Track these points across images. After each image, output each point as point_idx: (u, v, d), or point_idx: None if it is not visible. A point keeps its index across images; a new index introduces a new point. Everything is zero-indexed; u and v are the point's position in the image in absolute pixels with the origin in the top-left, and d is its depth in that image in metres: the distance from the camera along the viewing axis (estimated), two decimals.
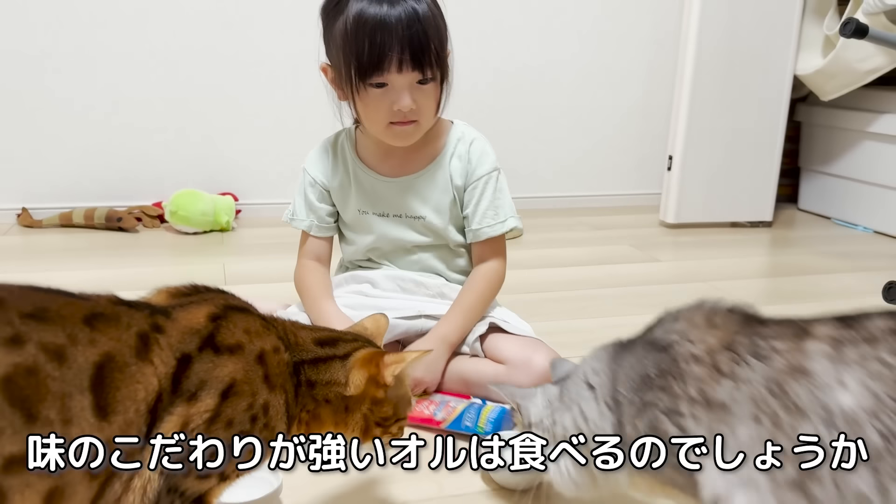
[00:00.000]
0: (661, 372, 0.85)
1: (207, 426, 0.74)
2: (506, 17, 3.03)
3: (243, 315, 0.83)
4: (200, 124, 2.82)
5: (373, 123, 1.42)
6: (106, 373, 0.68)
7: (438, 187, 1.50)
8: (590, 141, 3.29)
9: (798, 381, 0.75)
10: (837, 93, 2.89)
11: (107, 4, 2.63)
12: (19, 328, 0.64)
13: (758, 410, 0.77)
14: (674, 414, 0.83)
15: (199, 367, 0.75)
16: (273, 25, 2.79)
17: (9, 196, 2.71)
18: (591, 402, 0.92)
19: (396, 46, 1.30)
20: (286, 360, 0.85)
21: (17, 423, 0.62)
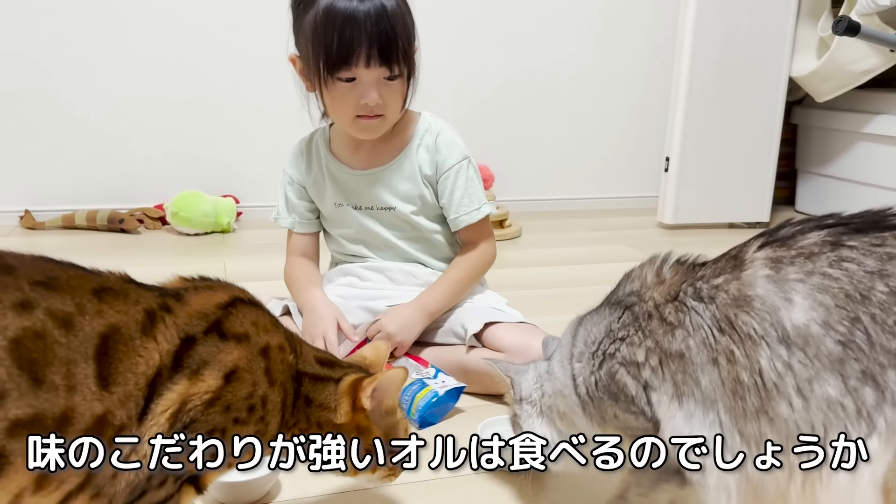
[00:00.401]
0: (623, 326, 0.88)
1: (205, 408, 0.74)
2: (504, 22, 3.06)
3: (254, 309, 0.84)
4: (202, 128, 2.84)
5: (340, 116, 1.44)
6: (111, 344, 0.69)
7: (406, 178, 1.53)
8: (587, 143, 3.31)
9: (745, 311, 0.76)
10: (832, 94, 2.91)
11: (110, 10, 2.66)
12: (29, 294, 0.65)
13: (713, 353, 0.78)
14: (632, 366, 0.85)
15: (202, 349, 0.75)
16: (275, 30, 2.81)
17: (12, 198, 2.73)
18: (559, 363, 0.96)
19: (365, 42, 1.32)
20: (290, 362, 0.85)
21: (24, 385, 0.63)
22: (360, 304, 1.51)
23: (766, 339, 0.74)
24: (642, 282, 0.90)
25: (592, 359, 0.90)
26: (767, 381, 0.74)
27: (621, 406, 0.87)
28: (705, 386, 0.79)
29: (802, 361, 0.73)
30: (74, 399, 0.66)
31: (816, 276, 0.74)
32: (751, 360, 0.75)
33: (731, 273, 0.79)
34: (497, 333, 1.46)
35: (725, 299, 0.78)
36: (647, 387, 0.84)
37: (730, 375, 0.77)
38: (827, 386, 0.72)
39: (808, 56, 2.92)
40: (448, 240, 1.59)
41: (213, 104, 2.83)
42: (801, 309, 0.73)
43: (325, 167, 1.56)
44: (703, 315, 0.80)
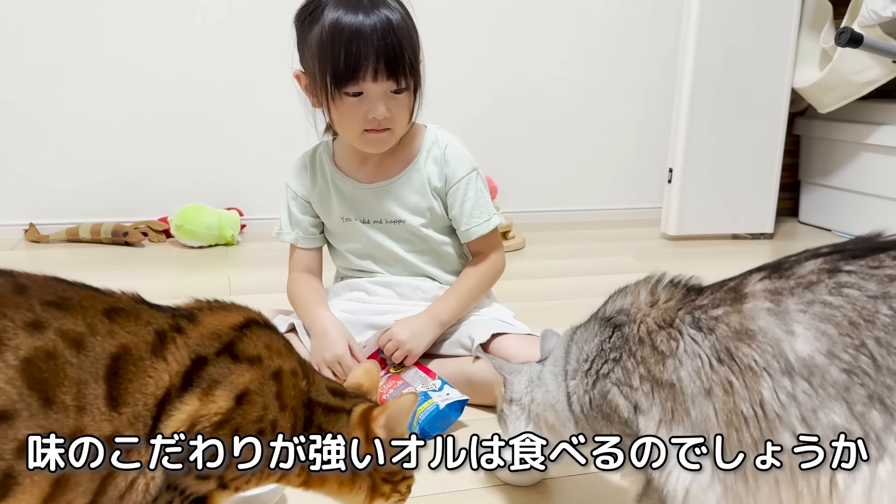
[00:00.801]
0: (615, 347, 0.87)
1: (214, 429, 0.74)
2: (505, 35, 3.07)
3: (268, 332, 0.83)
4: (206, 141, 2.85)
5: (347, 131, 1.44)
6: (121, 364, 0.69)
7: (416, 190, 1.52)
8: (590, 155, 3.32)
9: (746, 343, 0.76)
10: (835, 105, 2.92)
11: (116, 25, 2.67)
12: (40, 314, 0.65)
13: (708, 383, 0.78)
14: (625, 386, 0.85)
15: (213, 370, 0.75)
16: (278, 44, 2.82)
17: (16, 211, 2.74)
18: (552, 377, 0.96)
19: (372, 56, 1.32)
20: (302, 388, 0.83)
21: (34, 406, 0.63)
22: (366, 319, 1.50)
23: (767, 371, 0.74)
24: (634, 300, 0.89)
25: (586, 377, 0.90)
26: (769, 412, 0.74)
27: (616, 427, 0.87)
28: (695, 417, 0.78)
29: (807, 391, 0.72)
30: (84, 419, 0.66)
31: (817, 306, 0.73)
32: (751, 391, 0.75)
33: (732, 305, 0.79)
34: (504, 344, 1.45)
35: (726, 331, 0.78)
36: (637, 408, 0.84)
37: (726, 406, 0.76)
38: (832, 414, 0.71)
39: (810, 67, 2.92)
40: (457, 251, 1.58)
41: (217, 118, 2.85)
42: (805, 340, 0.73)
43: (330, 181, 1.55)
44: (701, 345, 0.79)
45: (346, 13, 1.32)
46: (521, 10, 3.08)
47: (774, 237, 3.07)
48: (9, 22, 2.58)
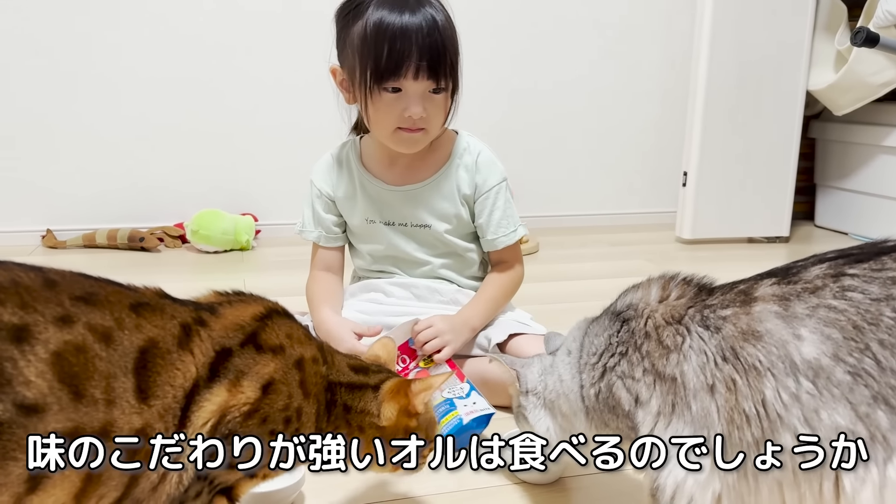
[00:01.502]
0: (622, 341, 0.89)
1: (244, 419, 0.75)
2: (518, 40, 3.08)
3: (288, 321, 0.85)
4: (222, 147, 2.87)
5: (381, 128, 1.42)
6: (149, 357, 0.70)
7: (445, 196, 1.52)
8: (604, 159, 3.32)
9: (752, 344, 0.77)
10: (851, 107, 2.90)
11: (131, 31, 2.70)
12: (69, 309, 0.66)
13: (711, 379, 0.79)
14: (628, 378, 0.87)
15: (239, 361, 0.76)
16: (292, 51, 2.85)
17: (34, 218, 2.76)
18: (567, 367, 0.98)
19: (415, 54, 1.31)
20: (322, 373, 0.86)
21: (64, 399, 0.63)
22: (382, 319, 1.50)
23: (772, 371, 0.75)
24: (644, 296, 0.91)
25: (593, 370, 0.92)
26: (771, 412, 0.74)
27: (621, 421, 0.89)
28: (695, 412, 0.80)
29: (811, 392, 0.73)
30: (114, 412, 0.66)
31: (822, 310, 0.74)
32: (753, 390, 0.75)
33: (741, 307, 0.80)
34: (520, 344, 1.45)
35: (732, 331, 0.79)
36: (637, 401, 0.85)
37: (728, 404, 0.77)
38: (836, 415, 0.71)
39: (825, 69, 2.91)
40: (479, 258, 1.58)
41: (232, 125, 2.86)
42: (811, 343, 0.74)
43: (357, 181, 1.54)
44: (707, 343, 0.80)
45: (390, 12, 1.32)
46: (534, 17, 3.08)
47: (790, 241, 3.05)
48: (27, 31, 2.61)
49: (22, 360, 0.61)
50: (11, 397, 0.60)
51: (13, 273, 0.65)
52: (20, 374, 0.61)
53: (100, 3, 2.65)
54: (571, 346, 0.99)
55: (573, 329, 1.02)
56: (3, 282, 0.63)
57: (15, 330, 0.62)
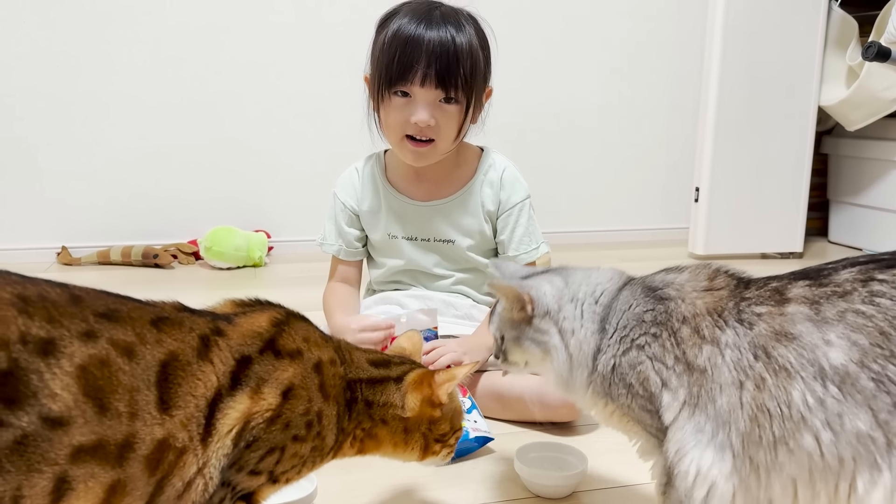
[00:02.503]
0: (656, 321, 0.88)
1: (267, 425, 0.77)
2: (529, 55, 3.09)
3: (304, 324, 0.87)
4: (235, 164, 2.89)
5: (390, 134, 1.45)
6: (170, 370, 0.71)
7: (469, 212, 1.53)
8: (615, 175, 3.32)
9: (784, 345, 0.78)
10: (863, 122, 2.89)
11: (148, 50, 2.73)
12: (94, 325, 0.67)
13: (742, 376, 0.80)
14: (658, 362, 0.86)
15: (258, 368, 0.78)
16: (305, 68, 2.88)
17: (49, 235, 2.79)
18: (589, 318, 0.94)
19: (424, 61, 1.35)
20: (341, 374, 0.87)
21: (89, 413, 0.64)
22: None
23: (801, 374, 0.76)
24: (691, 280, 0.91)
25: (620, 343, 0.91)
26: (795, 413, 0.76)
27: (637, 401, 0.89)
28: (720, 406, 0.81)
29: (836, 397, 0.74)
30: (136, 425, 0.68)
31: (851, 315, 0.76)
32: (781, 391, 0.77)
33: (775, 306, 0.81)
34: None
35: (766, 330, 0.80)
36: (665, 385, 0.86)
37: (754, 401, 0.79)
38: (857, 420, 0.73)
39: (837, 85, 2.91)
40: None
41: (245, 142, 2.89)
42: (839, 349, 0.75)
43: (382, 196, 1.55)
44: (741, 338, 0.81)
45: (410, 22, 1.37)
46: (544, 31, 3.10)
47: (804, 256, 3.04)
48: (44, 49, 2.65)
49: (48, 373, 0.62)
50: (37, 410, 0.62)
51: (41, 288, 0.66)
52: (46, 387, 0.62)
53: (118, 20, 2.69)
54: (603, 301, 0.95)
55: (602, 273, 0.99)
56: (31, 296, 0.65)
57: (42, 343, 0.63)
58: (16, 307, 0.63)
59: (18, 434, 0.60)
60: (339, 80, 2.72)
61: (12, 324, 0.62)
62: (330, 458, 0.88)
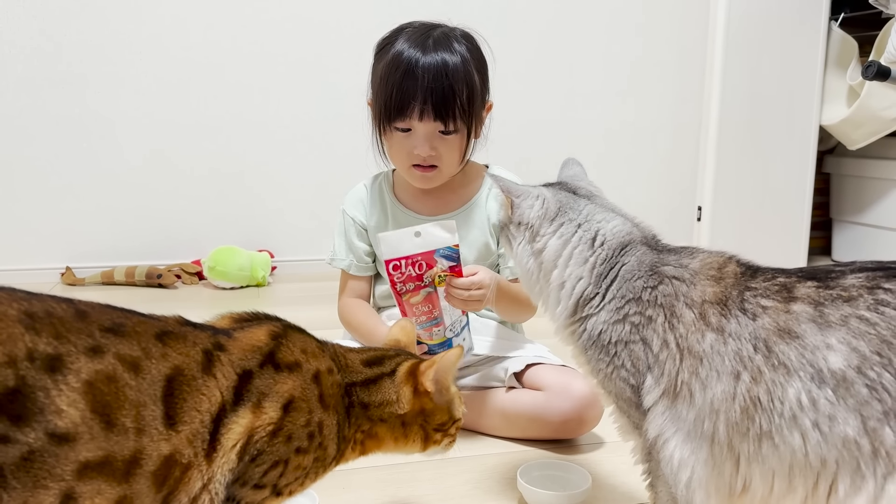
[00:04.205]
0: (655, 301, 0.89)
1: (270, 438, 0.77)
2: (530, 74, 3.11)
3: (301, 335, 0.87)
4: (238, 184, 2.91)
5: (397, 163, 1.49)
6: (175, 385, 0.71)
7: (476, 226, 1.55)
8: (618, 194, 3.30)
9: (786, 343, 0.79)
10: (864, 141, 2.90)
11: (153, 72, 2.76)
12: (99, 340, 0.67)
13: (740, 366, 0.80)
14: (647, 346, 0.88)
15: (259, 382, 0.78)
16: (308, 91, 2.90)
17: (53, 256, 2.80)
18: (582, 264, 0.97)
19: (420, 96, 1.36)
20: (338, 382, 0.88)
21: (95, 429, 0.64)
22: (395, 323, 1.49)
23: (799, 373, 0.77)
24: (703, 266, 0.90)
25: (615, 313, 0.92)
26: (787, 410, 0.77)
27: (619, 373, 0.90)
28: (715, 394, 0.81)
29: (830, 399, 0.75)
30: (143, 441, 0.68)
31: (854, 321, 0.76)
32: (777, 386, 0.78)
33: (781, 303, 0.81)
34: (538, 373, 1.45)
35: (770, 324, 0.81)
36: (650, 369, 0.87)
37: (748, 393, 0.79)
38: (846, 425, 0.74)
39: (838, 105, 2.92)
40: None
41: (249, 162, 2.90)
42: (839, 353, 0.76)
43: (389, 212, 1.57)
44: (743, 328, 0.82)
45: (409, 48, 1.38)
46: (546, 53, 3.12)
47: None
48: (49, 71, 2.67)
49: (54, 390, 0.62)
50: (43, 426, 0.61)
51: (47, 304, 0.66)
52: (52, 404, 0.62)
53: (125, 42, 2.72)
54: (598, 245, 0.97)
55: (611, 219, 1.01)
56: (38, 312, 0.65)
57: (49, 360, 0.63)
58: (23, 324, 0.63)
59: (25, 450, 0.60)
60: (343, 102, 2.74)
61: (19, 341, 0.62)
62: (333, 467, 0.88)
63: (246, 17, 2.81)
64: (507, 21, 3.03)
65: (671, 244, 0.99)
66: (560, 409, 1.39)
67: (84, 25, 2.68)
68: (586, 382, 1.37)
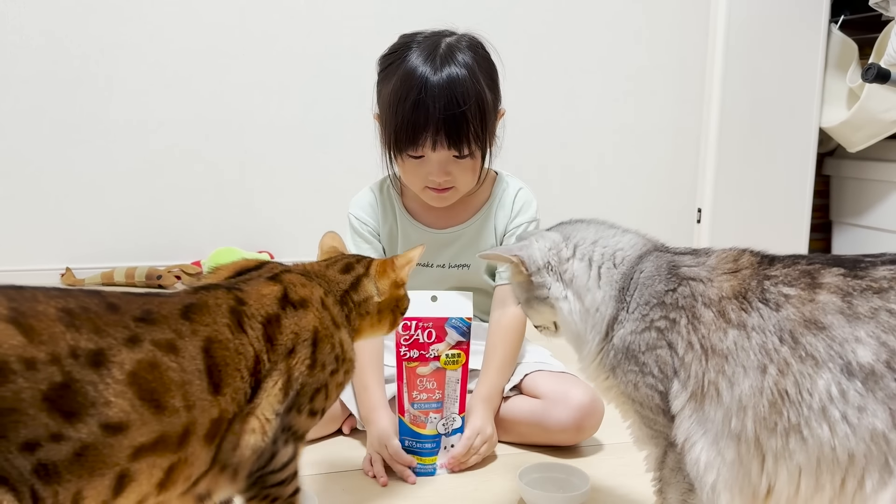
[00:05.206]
0: (676, 304, 0.87)
1: (310, 371, 0.86)
2: (531, 79, 3.11)
3: (293, 274, 0.94)
4: (238, 185, 2.91)
5: (411, 185, 1.45)
6: (213, 353, 0.76)
7: (485, 237, 1.52)
8: (618, 197, 3.32)
9: (814, 334, 0.77)
10: (864, 144, 2.90)
11: (153, 72, 2.76)
12: (135, 330, 0.70)
13: (766, 360, 0.79)
14: (673, 350, 0.86)
15: (288, 323, 0.85)
16: (309, 92, 2.90)
17: (53, 256, 2.79)
18: (607, 283, 0.94)
19: (432, 127, 1.32)
20: (335, 299, 0.96)
21: (146, 415, 0.68)
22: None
23: (828, 365, 0.75)
24: (719, 262, 0.89)
25: (640, 321, 0.90)
26: (816, 402, 0.75)
27: (647, 379, 0.88)
28: (743, 390, 0.80)
29: (859, 391, 0.74)
30: (194, 413, 0.72)
31: (884, 314, 0.75)
32: (806, 378, 0.76)
33: (805, 291, 0.79)
34: (536, 380, 1.45)
35: (795, 315, 0.79)
36: (676, 374, 0.85)
37: (776, 386, 0.77)
38: (875, 417, 0.72)
39: (837, 107, 2.92)
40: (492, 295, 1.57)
41: (248, 163, 2.90)
42: (868, 348, 0.75)
43: (398, 223, 1.53)
44: (766, 320, 0.80)
45: (417, 69, 1.32)
46: (547, 57, 3.12)
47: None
48: (49, 72, 2.67)
49: (101, 384, 0.65)
50: (96, 419, 0.64)
51: (80, 300, 0.68)
52: (101, 397, 0.65)
53: (123, 43, 2.71)
54: (619, 261, 0.95)
55: (624, 238, 0.99)
56: (74, 308, 0.67)
57: (92, 355, 0.66)
58: (63, 322, 0.65)
59: (78, 446, 0.63)
60: (345, 105, 2.75)
61: (61, 339, 0.64)
62: None
63: (247, 18, 2.80)
64: (507, 25, 3.03)
65: (684, 247, 0.98)
66: (558, 417, 1.38)
67: (85, 26, 2.67)
68: (585, 391, 1.37)
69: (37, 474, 0.61)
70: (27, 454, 0.61)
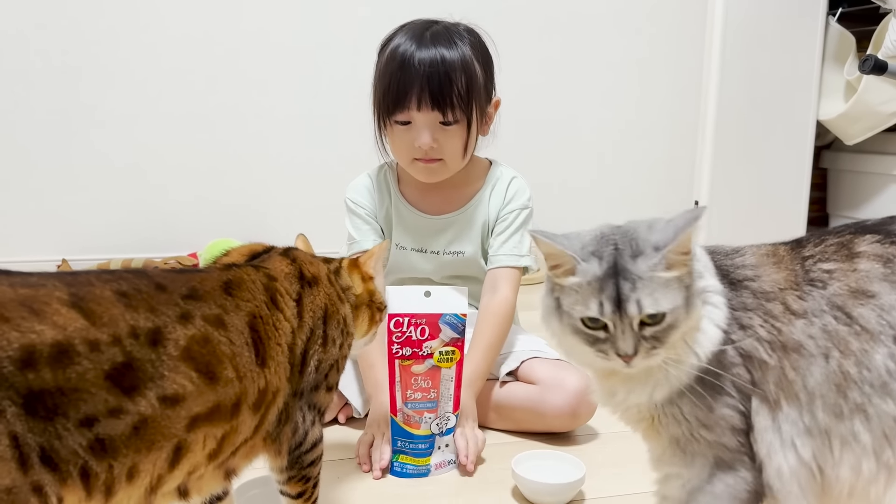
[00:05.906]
0: (746, 307, 0.80)
1: (324, 349, 0.91)
2: (528, 72, 3.11)
3: (300, 251, 0.98)
4: (234, 177, 2.90)
5: (400, 157, 1.48)
6: (256, 328, 0.80)
7: (478, 224, 1.54)
8: (615, 191, 3.32)
9: (864, 304, 0.74)
10: (862, 136, 2.90)
11: (149, 64, 2.75)
12: (185, 307, 0.73)
13: (829, 343, 0.75)
14: (757, 356, 0.79)
15: (307, 301, 0.90)
16: (306, 84, 2.89)
17: (49, 248, 2.79)
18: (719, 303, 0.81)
19: (416, 86, 1.36)
20: (333, 278, 1.00)
21: (202, 386, 0.71)
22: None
23: (882, 336, 0.73)
24: (757, 258, 0.83)
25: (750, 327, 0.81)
26: (876, 378, 0.73)
27: (728, 401, 0.79)
28: (815, 380, 0.76)
29: None
30: (245, 384, 0.77)
31: None
32: (864, 355, 0.73)
33: (845, 262, 0.77)
34: (532, 367, 1.45)
35: (842, 289, 0.76)
36: (756, 385, 0.79)
37: (840, 368, 0.74)
38: None
39: (835, 100, 2.92)
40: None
41: (245, 155, 2.89)
42: None
43: (394, 208, 1.56)
44: (818, 301, 0.77)
45: (406, 43, 1.38)
46: (543, 50, 3.12)
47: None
48: (44, 64, 2.67)
49: (158, 361, 0.68)
50: (154, 392, 0.67)
51: (130, 282, 0.71)
52: (158, 373, 0.68)
53: (118, 33, 2.71)
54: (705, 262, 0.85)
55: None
56: (128, 290, 0.70)
57: (151, 334, 0.69)
58: (121, 303, 0.68)
59: (137, 419, 0.66)
60: (341, 97, 2.74)
61: (121, 321, 0.67)
62: None
63: (243, 10, 2.80)
64: (505, 19, 3.02)
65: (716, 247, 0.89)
66: (554, 403, 1.39)
67: (79, 17, 2.66)
68: (581, 377, 1.37)
69: (91, 450, 0.63)
70: (85, 430, 0.63)
